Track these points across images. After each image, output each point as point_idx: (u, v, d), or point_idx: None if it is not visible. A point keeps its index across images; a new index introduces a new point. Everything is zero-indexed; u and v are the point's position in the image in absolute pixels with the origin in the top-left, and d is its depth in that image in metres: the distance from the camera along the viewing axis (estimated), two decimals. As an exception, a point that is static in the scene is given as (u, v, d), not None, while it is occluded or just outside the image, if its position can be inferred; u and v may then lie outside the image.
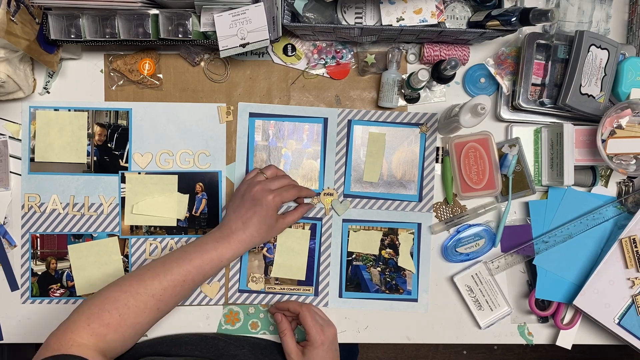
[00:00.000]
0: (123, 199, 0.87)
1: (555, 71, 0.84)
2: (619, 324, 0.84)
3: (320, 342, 0.79)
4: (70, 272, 0.87)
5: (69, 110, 0.87)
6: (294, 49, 0.87)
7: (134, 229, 0.87)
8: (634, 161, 0.83)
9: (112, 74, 0.87)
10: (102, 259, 0.87)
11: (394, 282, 0.89)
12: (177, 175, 0.87)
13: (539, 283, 0.86)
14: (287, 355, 0.80)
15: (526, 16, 0.72)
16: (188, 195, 0.87)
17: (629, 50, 0.86)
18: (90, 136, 0.87)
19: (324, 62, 0.87)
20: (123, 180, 0.87)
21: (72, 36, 0.79)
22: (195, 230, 0.88)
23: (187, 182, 0.88)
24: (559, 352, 0.93)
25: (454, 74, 0.85)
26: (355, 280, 0.89)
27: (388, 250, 0.89)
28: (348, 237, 0.89)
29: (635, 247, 0.83)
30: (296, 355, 0.79)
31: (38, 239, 0.87)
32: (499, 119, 0.88)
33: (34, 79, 0.86)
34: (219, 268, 0.76)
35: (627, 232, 0.83)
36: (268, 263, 0.88)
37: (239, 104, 0.88)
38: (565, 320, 0.88)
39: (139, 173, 0.87)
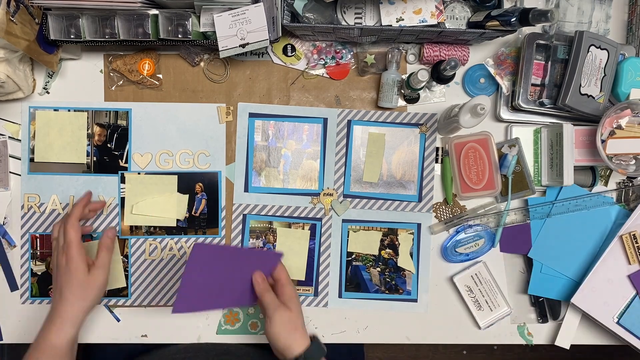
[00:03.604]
0: (123, 199, 0.87)
1: (555, 71, 0.84)
2: (618, 322, 0.84)
3: (296, 302, 0.76)
4: (70, 272, 0.87)
5: (69, 111, 0.87)
6: (293, 49, 0.87)
7: (134, 229, 0.87)
8: (634, 161, 0.83)
9: (111, 74, 0.87)
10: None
11: (393, 282, 0.89)
12: (176, 176, 0.87)
13: (532, 278, 0.87)
14: (274, 308, 0.73)
15: (526, 16, 0.72)
16: (188, 195, 0.87)
17: (628, 50, 0.86)
18: (90, 136, 0.87)
19: (323, 62, 0.87)
20: (123, 180, 0.87)
21: (72, 36, 0.79)
22: (195, 230, 0.88)
23: (186, 182, 0.87)
24: (558, 352, 0.93)
25: (454, 74, 0.85)
26: (355, 281, 0.89)
27: (388, 250, 0.89)
28: (348, 237, 0.89)
29: (636, 242, 0.83)
30: (274, 303, 0.74)
31: (38, 239, 0.87)
32: (498, 119, 0.88)
33: (34, 79, 0.86)
34: (60, 355, 0.70)
35: (626, 229, 0.84)
36: (268, 263, 0.88)
37: (239, 104, 0.88)
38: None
39: (139, 173, 0.87)
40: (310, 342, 0.73)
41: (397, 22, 0.81)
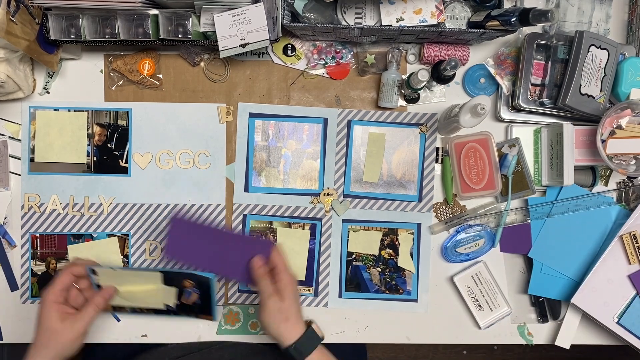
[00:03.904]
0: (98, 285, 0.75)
1: (555, 71, 0.84)
2: (618, 322, 0.84)
3: (293, 288, 0.75)
4: (70, 272, 0.87)
5: (69, 111, 0.87)
6: (293, 49, 0.87)
7: (116, 307, 0.80)
8: (634, 161, 0.83)
9: (112, 74, 0.87)
10: (102, 259, 0.87)
11: (393, 282, 0.89)
12: (160, 274, 0.74)
13: (533, 278, 0.87)
14: (267, 297, 0.73)
15: (526, 16, 0.72)
16: (176, 288, 0.76)
17: (628, 50, 0.86)
18: (90, 136, 0.87)
19: (323, 62, 0.87)
20: (93, 272, 0.74)
21: (72, 36, 0.79)
22: (186, 314, 0.80)
23: (172, 279, 0.75)
24: (558, 352, 0.93)
25: (454, 74, 0.85)
26: (355, 281, 0.89)
27: (388, 250, 0.89)
28: (348, 237, 0.89)
29: (636, 242, 0.83)
30: (272, 291, 0.74)
31: (38, 239, 0.87)
32: (498, 119, 0.88)
33: (34, 79, 0.86)
34: None
35: (626, 229, 0.84)
36: (268, 263, 0.88)
37: (239, 104, 0.88)
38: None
39: (113, 269, 0.73)
40: (303, 332, 0.72)
41: (397, 22, 0.81)
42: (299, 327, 0.73)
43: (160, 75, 0.87)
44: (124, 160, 0.88)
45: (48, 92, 0.87)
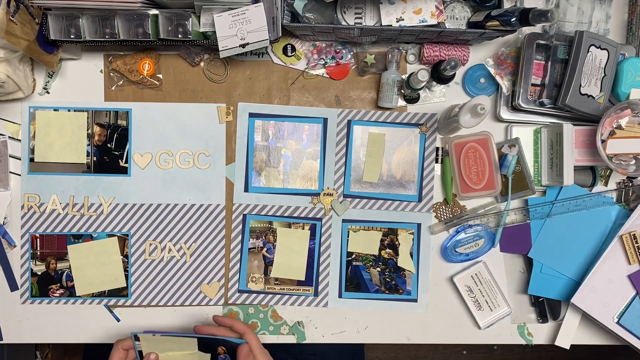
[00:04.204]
0: (140, 353, 0.75)
1: (555, 71, 0.84)
2: (618, 322, 0.84)
3: None
4: (70, 272, 0.87)
5: (69, 111, 0.87)
6: (293, 49, 0.87)
7: None
8: (634, 161, 0.83)
9: (111, 74, 0.87)
10: (101, 259, 0.87)
11: (393, 282, 0.89)
12: (195, 339, 0.74)
13: (532, 278, 0.87)
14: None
15: (526, 16, 0.72)
16: (210, 354, 0.76)
17: (628, 50, 0.86)
18: (90, 136, 0.87)
19: (323, 62, 0.87)
20: (137, 339, 0.74)
21: (72, 36, 0.79)
22: None
23: (206, 344, 0.75)
24: (558, 352, 0.93)
25: (454, 74, 0.85)
26: (355, 281, 0.89)
27: (388, 250, 0.89)
28: (348, 237, 0.89)
29: (636, 242, 0.83)
30: None
31: (38, 239, 0.87)
32: (498, 119, 0.88)
33: (34, 79, 0.86)
34: None
35: (626, 229, 0.84)
36: (268, 263, 0.88)
37: (239, 104, 0.88)
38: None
39: (153, 334, 0.73)
40: None
41: (397, 22, 0.81)
42: None
43: (160, 75, 0.87)
44: (123, 160, 0.88)
45: (48, 92, 0.87)
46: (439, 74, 0.84)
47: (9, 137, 0.87)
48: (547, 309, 0.89)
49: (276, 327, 0.89)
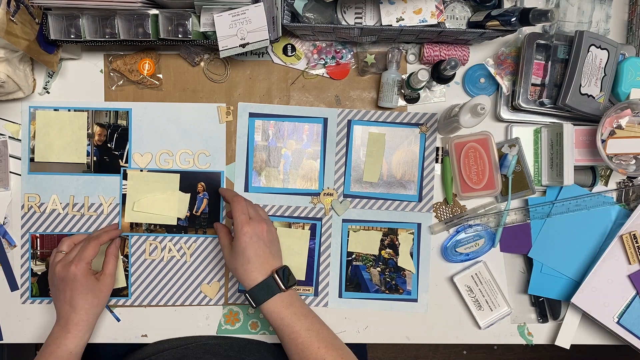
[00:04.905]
0: (124, 196, 0.87)
1: (555, 71, 0.84)
2: (618, 322, 0.84)
3: (243, 232, 0.73)
4: (70, 272, 0.87)
5: (69, 111, 0.87)
6: (293, 49, 0.87)
7: (134, 226, 0.87)
8: (634, 161, 0.83)
9: (112, 74, 0.87)
10: (102, 259, 0.87)
11: (393, 282, 0.89)
12: (179, 174, 0.88)
13: (533, 278, 0.87)
14: (222, 250, 0.79)
15: (526, 16, 0.72)
16: (189, 194, 0.87)
17: (628, 50, 0.86)
18: (90, 136, 0.87)
19: (323, 62, 0.87)
20: (125, 177, 0.87)
21: (72, 36, 0.79)
22: (195, 229, 0.88)
23: (188, 181, 0.88)
24: (558, 352, 0.93)
25: (454, 74, 0.85)
26: (355, 281, 0.89)
27: (388, 250, 0.89)
28: (348, 237, 0.89)
29: (636, 242, 0.83)
30: (227, 249, 0.78)
31: (38, 239, 0.87)
32: (498, 119, 0.88)
33: (34, 79, 0.86)
34: None
35: (626, 229, 0.84)
36: (268, 263, 0.88)
37: (239, 104, 0.88)
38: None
39: (141, 170, 0.87)
40: (262, 280, 0.73)
41: (397, 22, 0.81)
42: (259, 273, 0.73)
43: (160, 75, 0.87)
44: (124, 160, 0.88)
45: (48, 92, 0.87)
46: (439, 74, 0.84)
47: (9, 137, 0.87)
48: (547, 308, 0.89)
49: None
